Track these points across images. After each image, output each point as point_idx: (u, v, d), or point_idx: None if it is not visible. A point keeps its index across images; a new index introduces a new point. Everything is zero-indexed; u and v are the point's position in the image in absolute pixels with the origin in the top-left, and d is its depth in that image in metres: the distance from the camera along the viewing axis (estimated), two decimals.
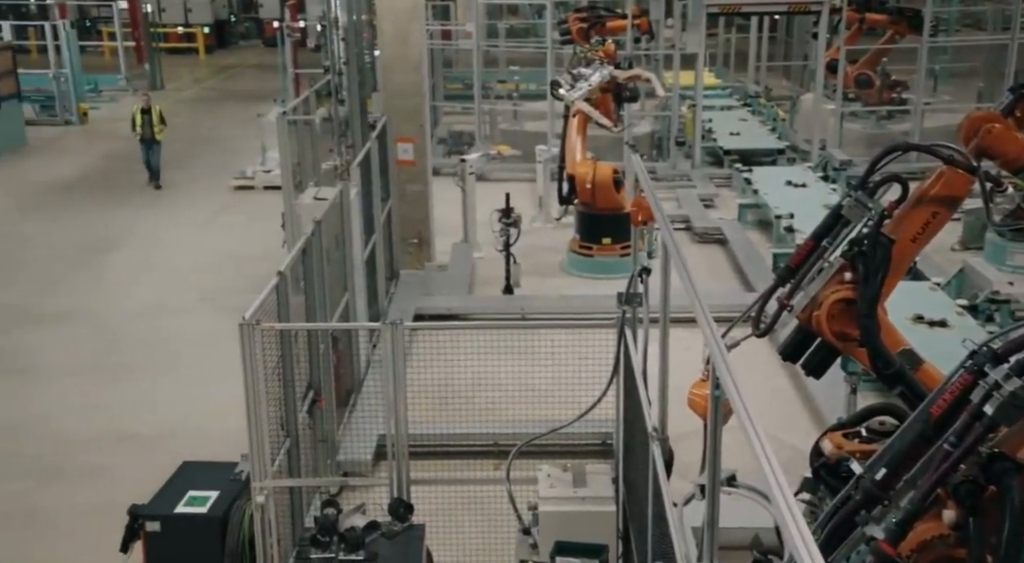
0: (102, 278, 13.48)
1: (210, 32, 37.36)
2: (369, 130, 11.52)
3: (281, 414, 6.54)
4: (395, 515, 5.68)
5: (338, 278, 8.90)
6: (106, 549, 6.35)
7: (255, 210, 16.29)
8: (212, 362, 10.55)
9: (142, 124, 17.48)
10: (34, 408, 9.79)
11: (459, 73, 23.94)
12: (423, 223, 12.92)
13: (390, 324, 6.01)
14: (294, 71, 22.32)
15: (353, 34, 11.58)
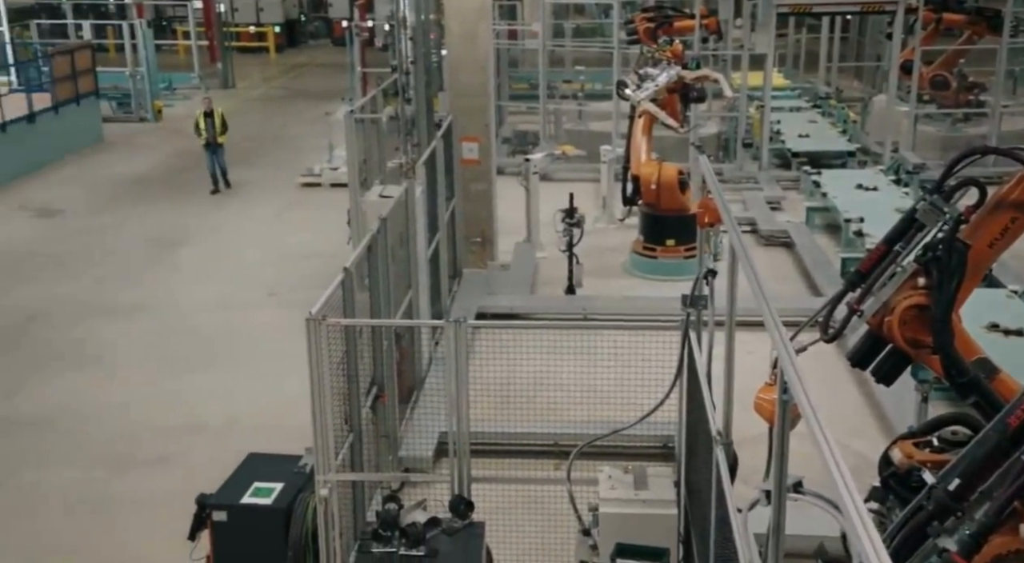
0: (173, 272, 13.79)
1: (281, 31, 37.98)
2: (435, 129, 11.60)
3: (345, 409, 6.61)
4: (456, 512, 5.71)
5: (402, 275, 8.98)
6: (174, 536, 6.50)
7: (322, 207, 16.52)
8: (278, 356, 10.73)
9: (205, 128, 17.44)
10: (107, 397, 10.06)
11: (524, 73, 23.96)
12: (486, 222, 12.96)
13: (453, 322, 6.04)
14: (362, 70, 22.57)
15: (421, 33, 11.66)
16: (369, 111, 12.41)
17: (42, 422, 9.50)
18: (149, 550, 7.42)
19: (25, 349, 11.16)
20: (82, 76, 21.39)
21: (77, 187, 18.38)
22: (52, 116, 20.08)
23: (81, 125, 21.32)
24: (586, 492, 6.31)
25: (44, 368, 10.69)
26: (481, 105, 12.52)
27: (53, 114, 20.11)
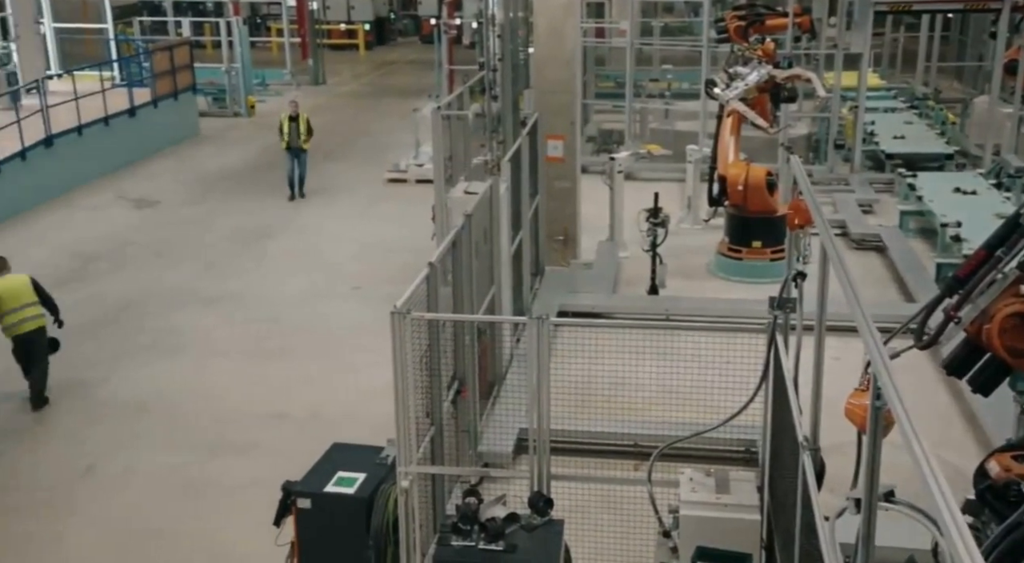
0: (262, 263, 14.13)
1: (370, 29, 38.56)
2: (520, 126, 11.61)
3: (426, 402, 6.68)
4: (535, 509, 5.71)
5: (485, 272, 9.02)
6: (260, 521, 6.66)
7: (407, 202, 16.71)
8: (362, 348, 10.91)
9: (289, 132, 16.98)
10: (197, 384, 10.36)
11: (611, 71, 23.84)
12: (570, 220, 12.94)
13: (536, 319, 6.04)
14: (449, 67, 22.78)
15: (509, 31, 11.68)
16: (455, 108, 12.48)
17: (136, 407, 9.84)
18: (237, 534, 7.62)
19: (121, 335, 11.57)
20: (180, 72, 22.05)
21: (173, 179, 18.96)
22: (152, 110, 20.75)
23: (178, 119, 21.98)
24: (666, 494, 6.25)
25: (139, 354, 11.06)
26: (567, 103, 12.50)
27: (153, 108, 20.78)
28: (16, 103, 18.25)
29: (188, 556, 7.50)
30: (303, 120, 17.07)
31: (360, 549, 6.06)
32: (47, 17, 23.85)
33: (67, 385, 10.30)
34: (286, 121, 17.05)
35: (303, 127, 17.03)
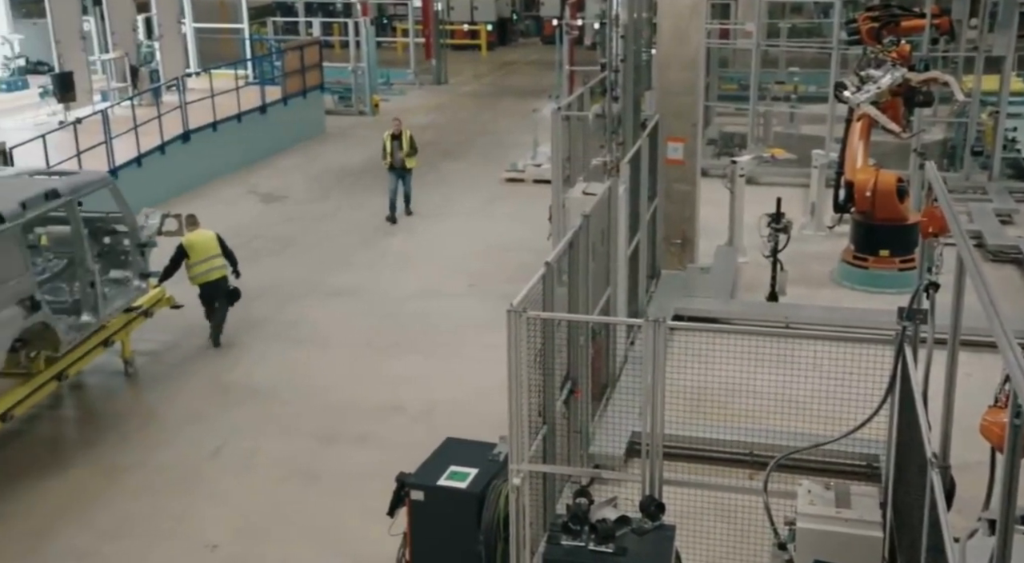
0: (382, 259, 14.44)
1: (492, 30, 38.94)
2: (640, 128, 11.53)
3: (540, 401, 6.70)
4: (646, 513, 5.67)
5: (601, 273, 8.99)
6: (374, 510, 6.82)
7: (524, 202, 16.82)
8: (477, 345, 11.04)
9: (391, 151, 16.00)
10: (318, 374, 10.68)
11: (735, 73, 23.41)
12: (688, 223, 12.77)
13: (652, 321, 5.98)
14: (569, 68, 22.79)
15: (632, 31, 11.63)
16: (575, 109, 12.49)
17: (259, 394, 10.21)
18: (352, 522, 7.83)
19: (250, 324, 12.02)
20: (310, 71, 22.74)
21: (300, 175, 19.58)
22: (281, 108, 21.48)
23: (306, 117, 22.68)
24: (781, 505, 6.10)
25: (263, 343, 11.47)
26: (689, 105, 12.34)
27: (282, 106, 21.50)
28: (158, 100, 19.19)
29: (305, 540, 7.73)
30: (407, 138, 16.13)
31: (471, 543, 6.13)
32: (188, 17, 24.97)
33: (199, 370, 10.77)
34: (388, 140, 16.13)
35: (407, 145, 16.08)
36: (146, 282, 10.68)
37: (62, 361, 9.43)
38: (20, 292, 8.53)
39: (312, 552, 7.58)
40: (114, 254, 10.54)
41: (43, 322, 8.82)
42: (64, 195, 9.24)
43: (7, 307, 8.38)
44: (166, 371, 10.87)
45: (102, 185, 10.16)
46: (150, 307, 10.90)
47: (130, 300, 10.46)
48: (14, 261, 8.51)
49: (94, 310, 9.65)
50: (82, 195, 9.65)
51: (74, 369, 9.75)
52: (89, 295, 9.60)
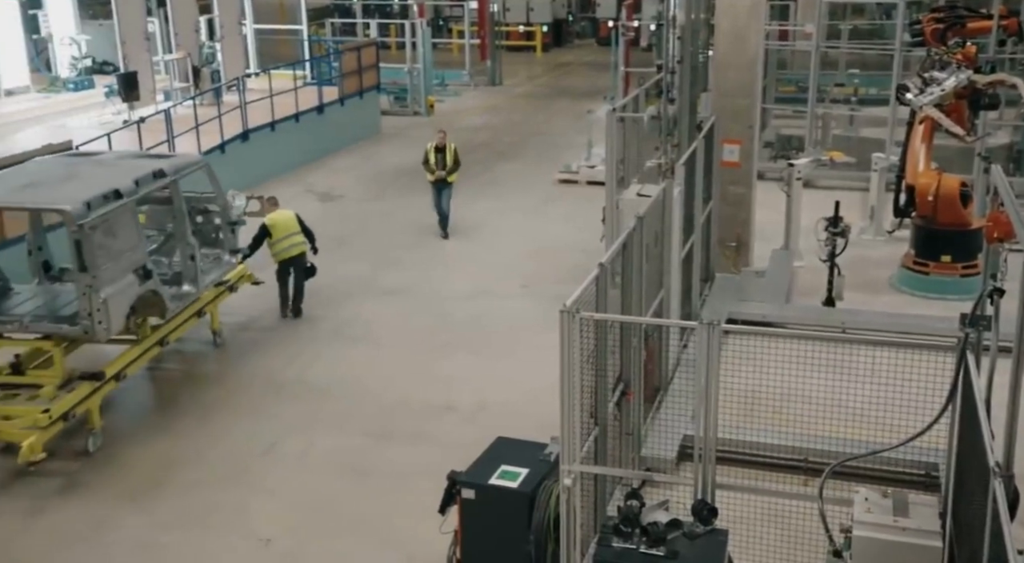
0: (435, 258, 14.53)
1: (548, 31, 38.93)
2: (696, 130, 11.45)
3: (591, 403, 6.69)
4: (698, 516, 5.63)
5: (654, 275, 8.95)
6: (425, 508, 6.87)
7: (577, 203, 16.79)
8: (528, 346, 11.06)
9: (435, 164, 15.14)
10: (371, 372, 10.78)
11: (793, 75, 23.12)
12: (743, 226, 12.65)
13: (707, 324, 5.94)
14: (624, 69, 22.72)
15: (689, 32, 11.55)
16: (631, 110, 12.44)
17: (313, 391, 10.34)
18: (403, 519, 7.90)
19: (306, 321, 12.19)
20: (366, 71, 22.95)
21: (355, 175, 19.78)
22: (338, 108, 21.72)
23: (362, 117, 22.90)
24: (837, 513, 6.02)
25: (321, 340, 11.61)
26: (746, 107, 12.23)
27: (339, 106, 21.74)
28: (219, 99, 19.53)
29: (357, 536, 7.82)
30: (450, 151, 15.18)
31: (521, 543, 6.15)
32: (249, 19, 25.39)
33: (257, 365, 10.95)
34: (432, 152, 15.17)
35: (450, 159, 15.14)
36: (235, 258, 11.51)
37: (164, 328, 10.25)
38: (135, 262, 9.44)
39: (364, 548, 7.66)
40: (206, 231, 11.31)
41: (153, 290, 9.69)
42: (169, 174, 10.15)
43: (125, 275, 9.25)
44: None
45: (199, 166, 11.01)
46: (235, 282, 11.74)
47: (222, 274, 11.33)
48: (130, 233, 9.42)
49: (194, 281, 10.50)
50: (183, 175, 10.47)
51: (174, 336, 10.57)
52: (190, 267, 10.45)
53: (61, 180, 9.68)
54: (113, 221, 9.11)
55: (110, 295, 8.96)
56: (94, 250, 8.79)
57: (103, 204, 9.01)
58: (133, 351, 9.79)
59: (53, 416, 8.58)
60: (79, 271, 8.82)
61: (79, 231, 8.67)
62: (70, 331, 9.12)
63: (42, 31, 22.96)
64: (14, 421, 8.65)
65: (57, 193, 9.23)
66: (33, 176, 9.89)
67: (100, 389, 9.18)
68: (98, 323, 8.89)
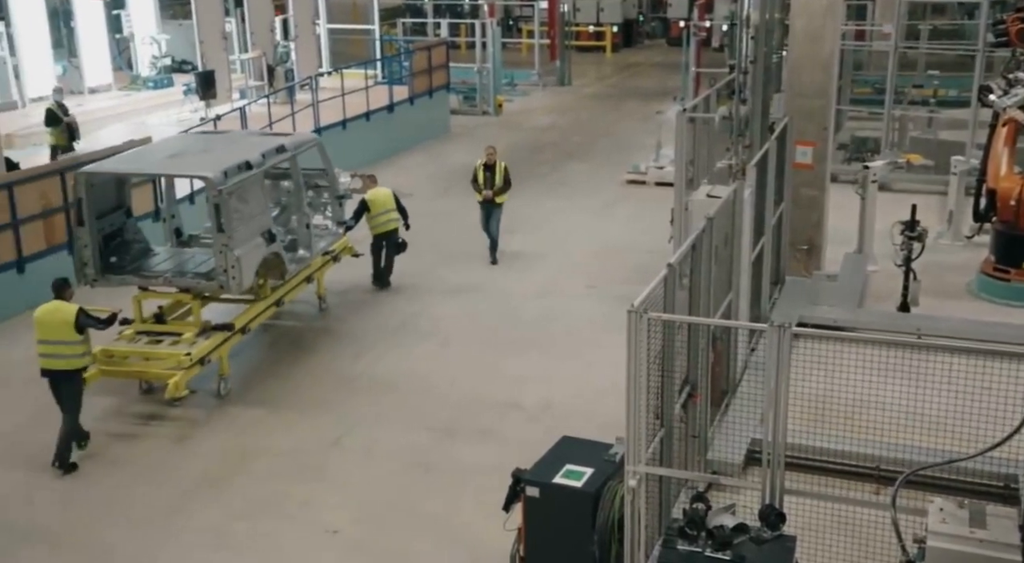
0: (504, 257, 14.56)
1: (618, 31, 38.75)
2: (768, 131, 11.29)
3: (657, 404, 6.65)
4: (766, 522, 5.55)
5: (723, 277, 8.85)
6: (489, 505, 6.91)
7: (644, 204, 16.70)
8: (594, 346, 11.04)
9: (484, 183, 13.98)
10: (437, 369, 10.86)
11: (870, 76, 22.65)
12: (815, 229, 12.44)
13: (778, 327, 5.86)
14: (695, 70, 22.51)
15: (763, 32, 11.40)
16: (702, 110, 12.33)
17: (380, 386, 10.46)
18: (467, 514, 7.96)
19: (375, 316, 12.34)
20: (436, 71, 23.12)
21: (424, 173, 19.93)
22: (408, 107, 21.93)
23: (432, 116, 23.07)
24: (909, 522, 5.88)
25: (386, 336, 11.72)
26: (820, 108, 12.02)
27: (409, 105, 21.95)
28: (292, 98, 19.89)
29: (422, 530, 7.89)
30: (500, 170, 13.93)
31: (584, 542, 6.14)
32: (323, 19, 25.78)
33: (325, 359, 11.12)
34: (480, 170, 14.01)
35: (499, 178, 13.92)
36: (342, 229, 12.47)
37: (281, 289, 11.31)
38: (262, 226, 10.52)
39: (428, 542, 7.72)
40: (316, 204, 12.39)
41: (275, 252, 10.74)
42: (289, 150, 11.23)
43: (254, 238, 10.29)
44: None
45: (313, 144, 12.07)
46: (338, 253, 12.76)
47: (330, 243, 12.32)
48: (257, 201, 10.49)
49: (308, 247, 11.59)
50: (301, 151, 11.54)
51: (289, 297, 11.59)
52: (305, 234, 11.54)
53: (200, 153, 10.95)
54: (245, 189, 10.16)
55: (242, 254, 9.97)
56: (230, 213, 9.80)
57: (237, 173, 10.05)
58: (256, 307, 10.86)
59: (193, 359, 9.66)
60: (217, 231, 9.85)
61: (219, 196, 9.71)
62: (207, 285, 10.23)
63: (124, 30, 23.62)
64: (159, 363, 9.78)
65: (199, 163, 10.41)
66: (176, 149, 11.31)
67: (230, 339, 10.28)
68: (232, 278, 9.94)
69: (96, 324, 8.99)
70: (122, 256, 10.69)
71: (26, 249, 12.42)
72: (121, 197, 10.91)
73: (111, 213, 10.69)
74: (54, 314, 8.80)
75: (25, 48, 19.99)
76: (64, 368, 8.82)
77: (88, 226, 10.13)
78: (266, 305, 11.03)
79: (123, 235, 10.86)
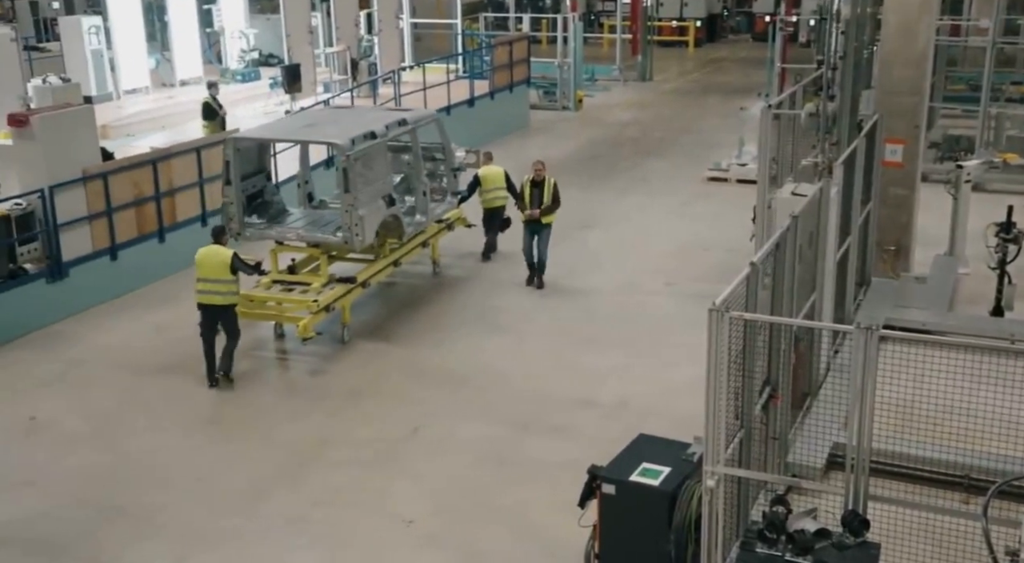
0: (582, 253, 14.52)
1: (701, 26, 38.27)
2: (856, 128, 11.01)
3: (737, 405, 6.55)
4: (849, 528, 5.42)
5: (807, 277, 8.67)
6: (564, 500, 6.90)
7: (725, 202, 16.47)
8: (671, 344, 10.94)
9: (530, 200, 12.81)
10: (514, 363, 10.88)
11: (964, 73, 21.92)
12: (903, 230, 12.10)
13: (864, 329, 5.71)
14: (780, 66, 22.10)
15: (855, 27, 11.11)
16: (787, 107, 12.09)
17: (456, 378, 10.52)
18: (541, 509, 7.94)
19: (451, 308, 12.43)
20: (517, 66, 23.14)
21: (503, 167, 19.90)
22: (488, 101, 22.00)
23: (512, 111, 23.10)
24: (1001, 534, 5.67)
25: (463, 330, 11.77)
26: (912, 105, 11.69)
27: (489, 100, 22.03)
28: (374, 91, 20.13)
29: (496, 524, 7.91)
30: (548, 187, 12.75)
31: (660, 542, 6.09)
32: (406, 14, 26.03)
33: (403, 349, 11.24)
34: (528, 186, 12.87)
35: (547, 196, 12.74)
36: (456, 199, 13.57)
37: (398, 250, 12.42)
38: (383, 190, 11.68)
39: (501, 536, 7.74)
40: (434, 175, 13.40)
41: (395, 215, 11.90)
42: (410, 123, 12.39)
43: (376, 200, 11.45)
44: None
45: (432, 119, 13.29)
46: (452, 222, 13.75)
47: (444, 211, 13.36)
48: (380, 167, 11.67)
49: (425, 213, 12.69)
50: (421, 124, 12.73)
51: (405, 258, 12.65)
52: (422, 201, 12.63)
53: (331, 124, 12.27)
54: (369, 156, 11.34)
55: (365, 214, 11.11)
56: (356, 177, 10.95)
57: (363, 142, 11.22)
58: (376, 265, 12.01)
59: (320, 305, 10.83)
60: (344, 192, 10.99)
61: (347, 161, 10.87)
62: (334, 241, 11.44)
63: (215, 25, 24.19)
64: (290, 307, 11.05)
65: (330, 132, 11.73)
66: (310, 121, 12.86)
67: (352, 290, 11.43)
68: (355, 235, 11.08)
69: (246, 268, 10.33)
70: (262, 214, 12.00)
71: (119, 236, 12.85)
72: (262, 162, 12.28)
73: (254, 176, 11.98)
74: (213, 256, 10.15)
75: (121, 42, 20.61)
76: (219, 303, 10.17)
77: (234, 186, 11.42)
78: (385, 264, 12.14)
79: (263, 196, 12.14)
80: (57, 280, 12.08)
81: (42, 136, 12.00)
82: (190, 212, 13.91)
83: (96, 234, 12.60)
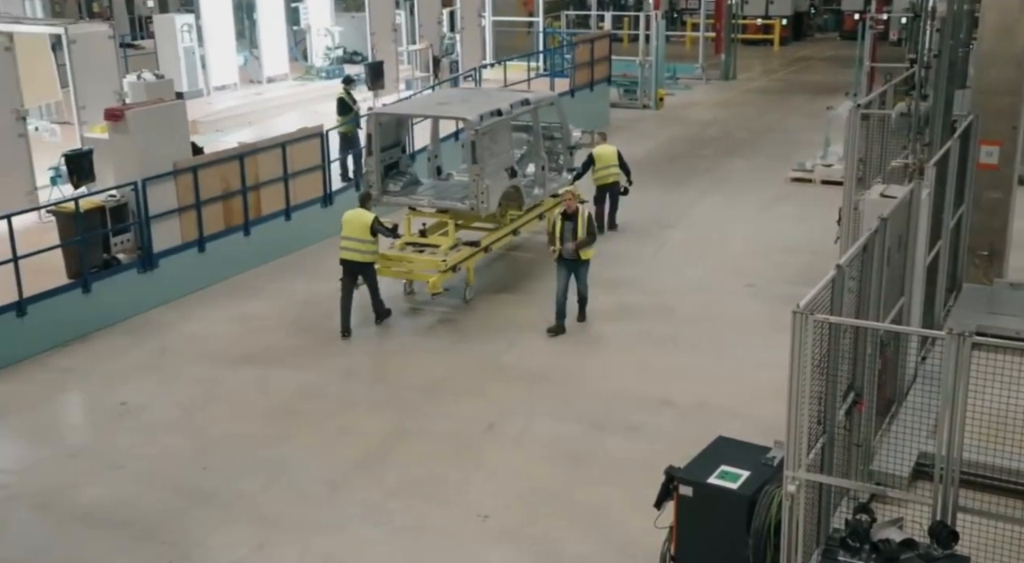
0: (660, 252, 14.41)
1: (787, 24, 37.59)
2: (950, 129, 10.68)
3: (819, 409, 6.42)
4: (937, 539, 5.27)
5: (895, 281, 8.45)
6: (640, 500, 6.85)
7: (809, 203, 16.16)
8: (751, 346, 10.77)
9: (560, 234, 11.43)
10: (590, 361, 10.85)
11: None
12: (998, 234, 11.70)
13: (956, 334, 5.54)
14: (870, 65, 21.54)
15: (951, 25, 10.77)
16: (876, 107, 11.78)
17: (532, 375, 10.53)
18: (617, 509, 7.91)
19: (527, 305, 12.41)
20: (598, 64, 23.04)
21: None
22: (568, 99, 21.87)
23: (592, 109, 22.98)
24: None
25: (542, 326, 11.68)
26: (1010, 106, 11.29)
27: (570, 97, 21.94)
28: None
29: (570, 522, 7.89)
30: (583, 220, 11.42)
31: (738, 546, 6.00)
32: (488, 11, 26.14)
33: (476, 349, 11.30)
34: (559, 221, 11.52)
35: (582, 229, 11.40)
36: (571, 175, 14.45)
37: (517, 220, 13.55)
38: (506, 163, 12.78)
39: (576, 534, 7.73)
40: (552, 153, 14.36)
41: (516, 186, 13.00)
42: (532, 103, 13.61)
43: (499, 172, 12.52)
44: None
45: (551, 100, 14.57)
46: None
47: (560, 186, 13.95)
48: (504, 142, 12.77)
49: (543, 186, 13.72)
50: (542, 105, 13.97)
51: (524, 228, 13.82)
52: (540, 175, 13.71)
53: (461, 102, 13.56)
54: (495, 131, 12.37)
55: (490, 184, 12.17)
56: (483, 149, 12.02)
57: (490, 118, 12.26)
58: (497, 232, 13.22)
59: (448, 265, 12.01)
60: (472, 163, 12.11)
61: (475, 134, 11.92)
62: (461, 207, 12.54)
63: (302, 22, 24.67)
64: (420, 266, 12.20)
65: (461, 109, 12.86)
66: (443, 99, 14.53)
67: (476, 254, 12.66)
68: (481, 203, 12.18)
69: (384, 230, 11.53)
70: (397, 182, 13.17)
71: (206, 229, 13.21)
72: (400, 136, 13.53)
73: (391, 148, 13.18)
74: (357, 218, 11.44)
75: (211, 39, 21.17)
76: (359, 260, 11.45)
77: (375, 156, 12.67)
78: (505, 232, 13.31)
79: (399, 167, 13.37)
80: (148, 270, 12.47)
81: (136, 131, 12.38)
82: (274, 206, 14.22)
83: (185, 226, 12.95)
